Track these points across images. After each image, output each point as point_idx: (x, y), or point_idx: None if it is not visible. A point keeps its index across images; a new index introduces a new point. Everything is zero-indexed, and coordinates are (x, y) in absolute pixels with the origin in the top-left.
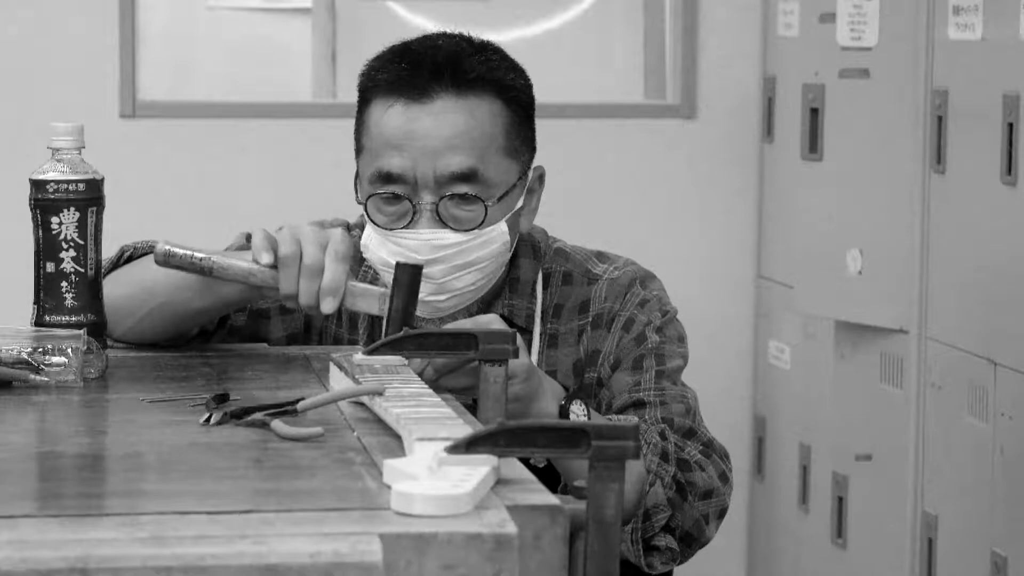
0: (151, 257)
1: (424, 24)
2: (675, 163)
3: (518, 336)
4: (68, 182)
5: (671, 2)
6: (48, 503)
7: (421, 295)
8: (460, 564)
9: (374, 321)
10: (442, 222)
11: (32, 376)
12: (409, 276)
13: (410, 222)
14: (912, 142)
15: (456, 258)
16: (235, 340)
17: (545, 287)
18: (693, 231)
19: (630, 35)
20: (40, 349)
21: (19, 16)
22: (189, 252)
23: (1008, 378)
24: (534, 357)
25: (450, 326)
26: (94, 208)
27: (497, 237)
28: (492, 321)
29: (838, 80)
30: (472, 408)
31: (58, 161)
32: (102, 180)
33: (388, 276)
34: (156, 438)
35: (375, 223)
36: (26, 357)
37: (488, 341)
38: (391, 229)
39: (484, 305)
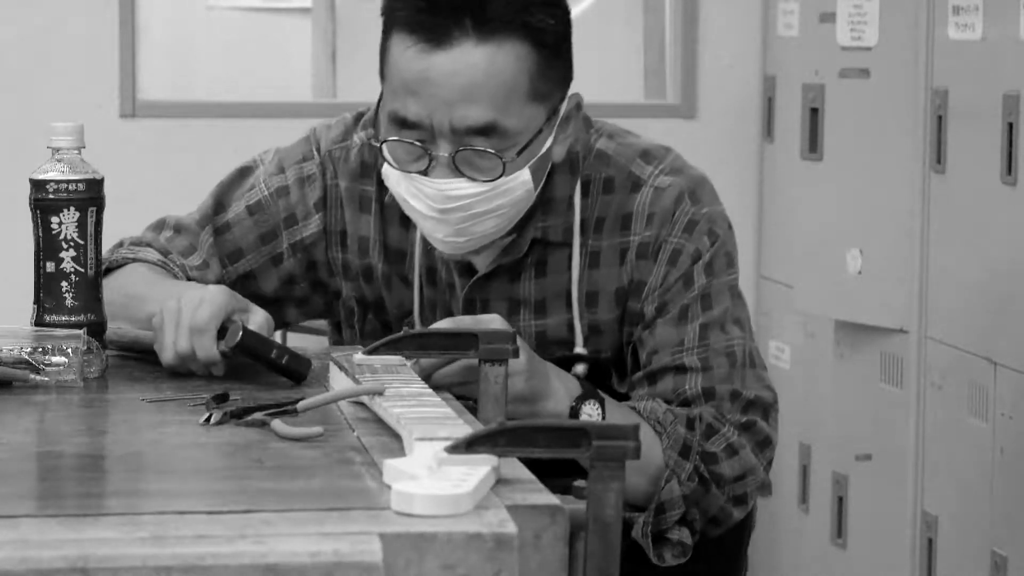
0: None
1: None
2: None
3: (518, 336)
4: (68, 182)
5: (671, 2)
6: (48, 503)
7: (439, 235)
8: (460, 564)
9: (385, 239)
10: (459, 171)
11: (32, 376)
12: (247, 342)
13: (427, 168)
14: (912, 142)
15: (473, 207)
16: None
17: (584, 195)
18: None
19: (630, 35)
20: (40, 349)
21: (19, 16)
22: (111, 337)
23: (1008, 378)
24: (575, 274)
25: (447, 324)
26: (94, 208)
27: (518, 186)
28: (493, 320)
29: (838, 80)
30: (473, 408)
31: (58, 161)
32: (102, 180)
33: (409, 211)
34: (156, 438)
35: (391, 163)
36: (26, 357)
37: (488, 341)
38: (408, 171)
39: (516, 229)
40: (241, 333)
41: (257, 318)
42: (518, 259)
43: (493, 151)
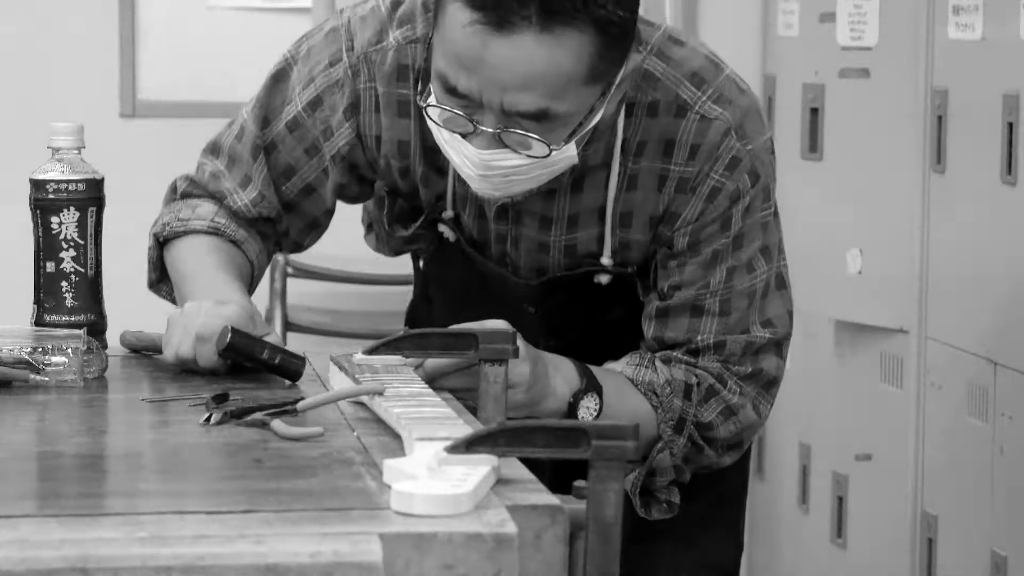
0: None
1: None
2: None
3: (518, 336)
4: (68, 182)
5: (671, 2)
6: (48, 503)
7: (475, 186)
8: (460, 564)
9: (424, 140)
10: (503, 143)
11: (32, 376)
12: (237, 346)
13: (470, 135)
14: (912, 142)
15: (515, 175)
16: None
17: (628, 115)
18: None
19: None
20: (40, 349)
21: (19, 16)
22: (133, 343)
23: (1008, 378)
24: (611, 193)
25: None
26: (94, 208)
27: (564, 160)
28: (489, 322)
29: (838, 80)
30: (473, 409)
31: (58, 161)
32: (102, 180)
33: (448, 157)
34: (156, 438)
35: (435, 121)
36: (26, 357)
37: (488, 341)
38: (451, 130)
39: None
40: (230, 335)
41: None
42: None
43: (540, 138)
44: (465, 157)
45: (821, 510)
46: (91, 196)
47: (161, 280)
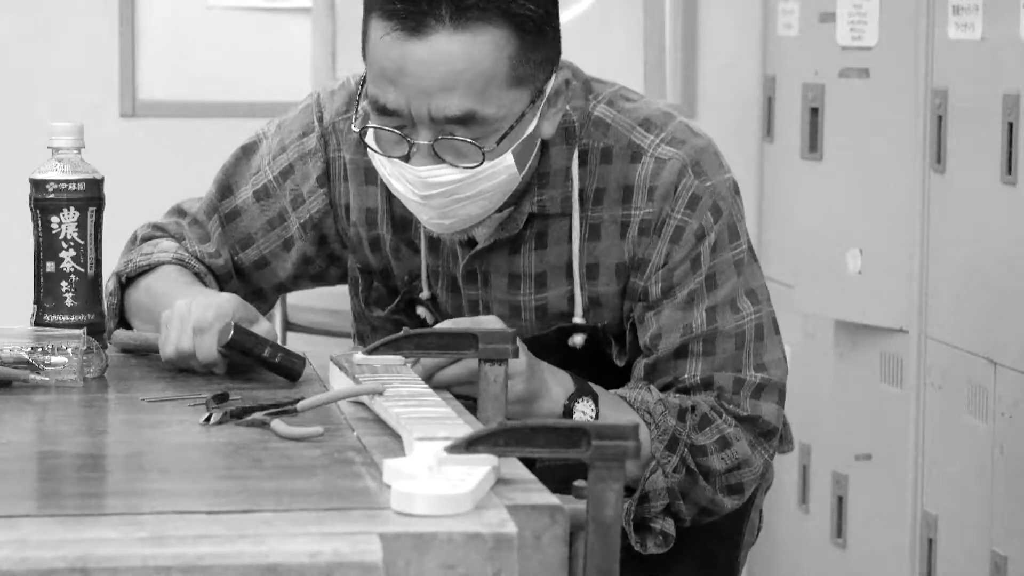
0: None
1: None
2: None
3: (518, 336)
4: (68, 182)
5: (671, 2)
6: (48, 503)
7: (424, 218)
8: (460, 564)
9: (392, 208)
10: (439, 158)
11: (32, 376)
12: (237, 341)
13: (407, 155)
14: (912, 142)
15: (455, 192)
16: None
17: (582, 165)
18: None
19: (630, 35)
20: (40, 349)
21: (19, 16)
22: (124, 340)
23: (1008, 378)
24: (575, 245)
25: (445, 324)
26: (94, 208)
27: (502, 170)
28: (492, 321)
29: (838, 80)
30: (472, 407)
31: (58, 161)
32: (102, 180)
33: (393, 191)
34: (156, 438)
35: (373, 148)
36: (26, 357)
37: (488, 341)
38: (389, 156)
39: (512, 203)
40: (232, 331)
41: (261, 328)
42: (517, 232)
43: (472, 141)
44: (407, 182)
45: (821, 510)
46: (91, 196)
47: (119, 326)
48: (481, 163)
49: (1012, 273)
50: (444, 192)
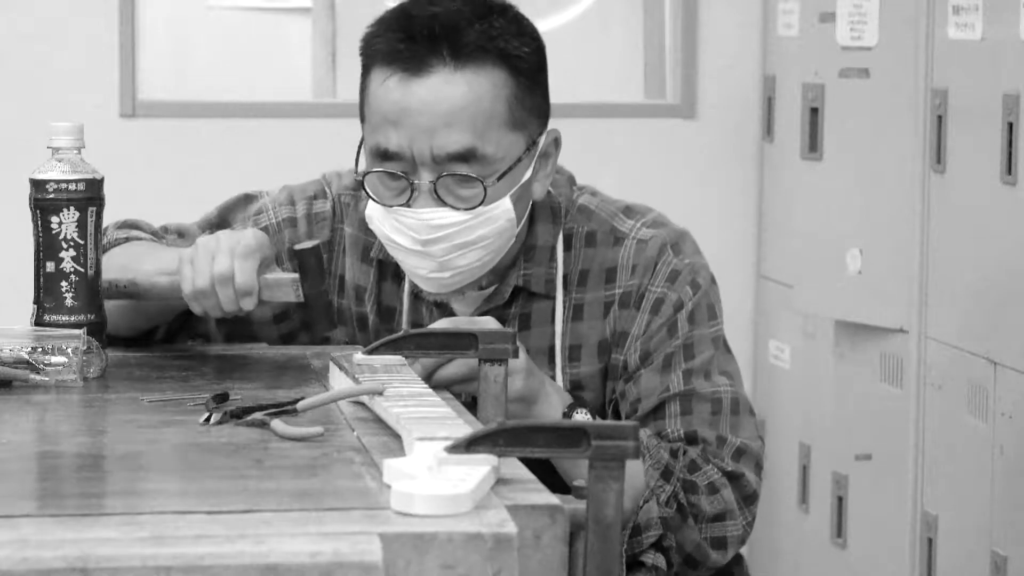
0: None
1: None
2: (675, 163)
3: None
4: (68, 182)
5: (671, 2)
6: (48, 503)
7: (423, 272)
8: (460, 564)
9: (380, 292)
10: (441, 200)
11: (32, 376)
12: (312, 259)
13: (409, 200)
14: (912, 142)
15: (457, 237)
16: (207, 328)
17: (567, 249)
18: (693, 231)
19: (630, 35)
20: (40, 349)
21: (19, 16)
22: (113, 281)
23: (1008, 378)
24: (558, 327)
25: (444, 324)
26: (94, 208)
27: (501, 215)
28: (488, 322)
29: (838, 80)
30: (472, 407)
31: (58, 161)
32: (102, 180)
33: (393, 250)
34: (156, 438)
35: (374, 199)
36: (26, 357)
37: (488, 341)
38: (390, 205)
39: (498, 275)
40: (315, 244)
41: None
42: (501, 310)
43: (473, 175)
44: (408, 228)
45: (821, 510)
46: (91, 196)
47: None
48: (482, 201)
49: (1012, 273)
50: (445, 236)
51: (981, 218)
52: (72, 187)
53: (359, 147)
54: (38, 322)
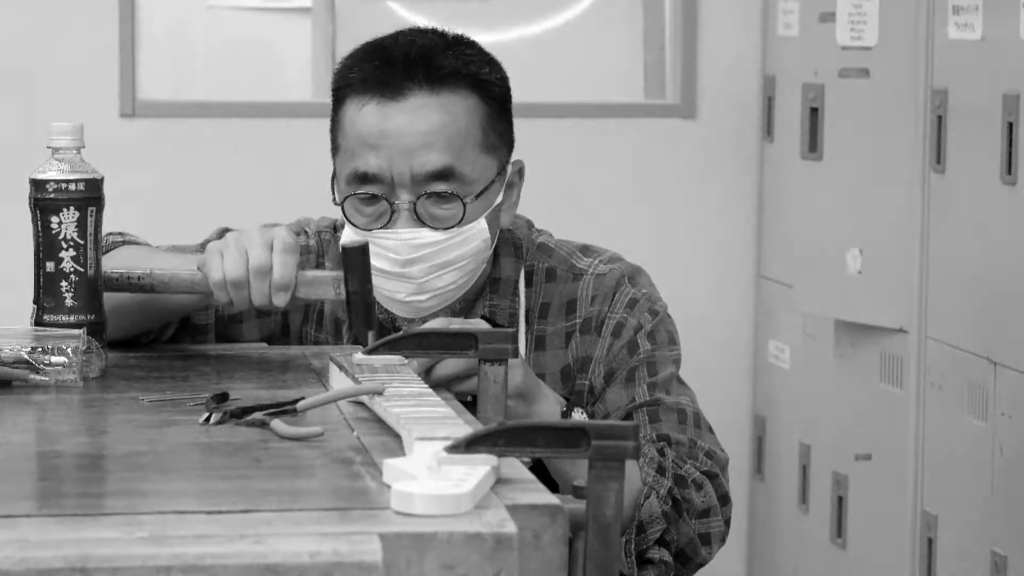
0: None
1: (424, 24)
2: (675, 163)
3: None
4: (68, 181)
5: (671, 2)
6: (48, 503)
7: (400, 296)
8: (460, 564)
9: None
10: (420, 221)
11: (32, 376)
12: (359, 257)
13: (388, 222)
14: (912, 142)
15: (436, 257)
16: (204, 339)
17: (528, 285)
18: (693, 231)
19: (630, 35)
20: (40, 349)
21: (19, 16)
22: (125, 273)
23: (1008, 378)
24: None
25: (438, 324)
26: (94, 207)
27: (477, 234)
28: (479, 323)
29: (838, 80)
30: (471, 406)
31: (58, 160)
32: (102, 179)
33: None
34: (156, 438)
35: (354, 224)
36: (26, 357)
37: (488, 341)
38: (370, 229)
39: (466, 304)
40: (364, 243)
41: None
42: None
43: (453, 192)
44: (388, 250)
45: (821, 510)
46: (91, 196)
47: None
48: (461, 219)
49: (1012, 273)
50: (425, 256)
51: (981, 218)
52: (72, 187)
53: (332, 180)
54: (38, 322)
